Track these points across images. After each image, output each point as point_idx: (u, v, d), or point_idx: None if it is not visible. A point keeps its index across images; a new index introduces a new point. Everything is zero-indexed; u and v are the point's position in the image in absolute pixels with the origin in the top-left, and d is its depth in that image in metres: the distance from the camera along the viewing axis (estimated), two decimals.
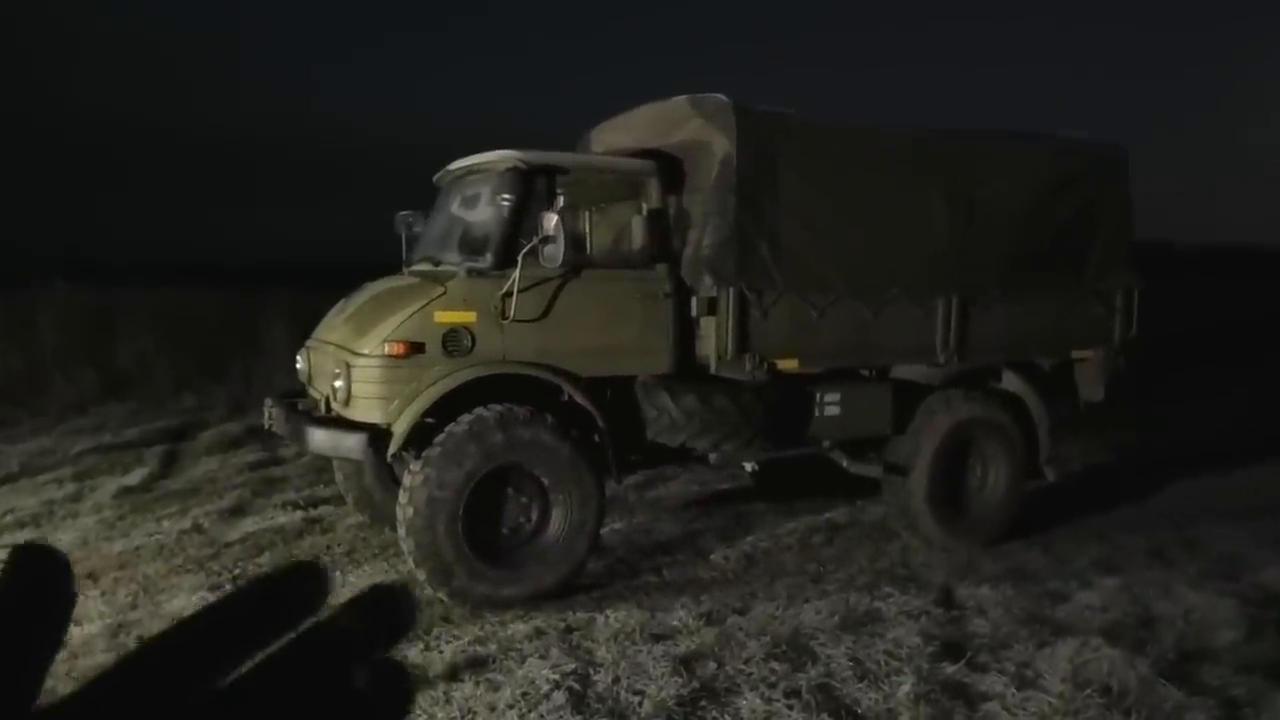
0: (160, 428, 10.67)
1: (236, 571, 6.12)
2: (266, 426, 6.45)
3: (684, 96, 6.28)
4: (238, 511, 7.52)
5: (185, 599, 5.59)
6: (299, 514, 7.40)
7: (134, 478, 8.53)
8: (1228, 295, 24.12)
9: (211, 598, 5.60)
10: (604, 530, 6.29)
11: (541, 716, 4.04)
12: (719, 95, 6.05)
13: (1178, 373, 13.93)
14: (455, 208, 6.41)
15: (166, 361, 13.49)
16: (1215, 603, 5.35)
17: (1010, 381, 7.27)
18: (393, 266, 6.64)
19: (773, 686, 4.28)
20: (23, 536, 6.82)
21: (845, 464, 7.10)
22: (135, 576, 5.99)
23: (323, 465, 8.18)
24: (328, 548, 6.64)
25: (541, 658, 4.60)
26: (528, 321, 5.60)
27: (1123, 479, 8.93)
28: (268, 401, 6.43)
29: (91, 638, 4.99)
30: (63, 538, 6.76)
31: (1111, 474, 9.29)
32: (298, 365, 6.52)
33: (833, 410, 6.52)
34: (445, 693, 4.28)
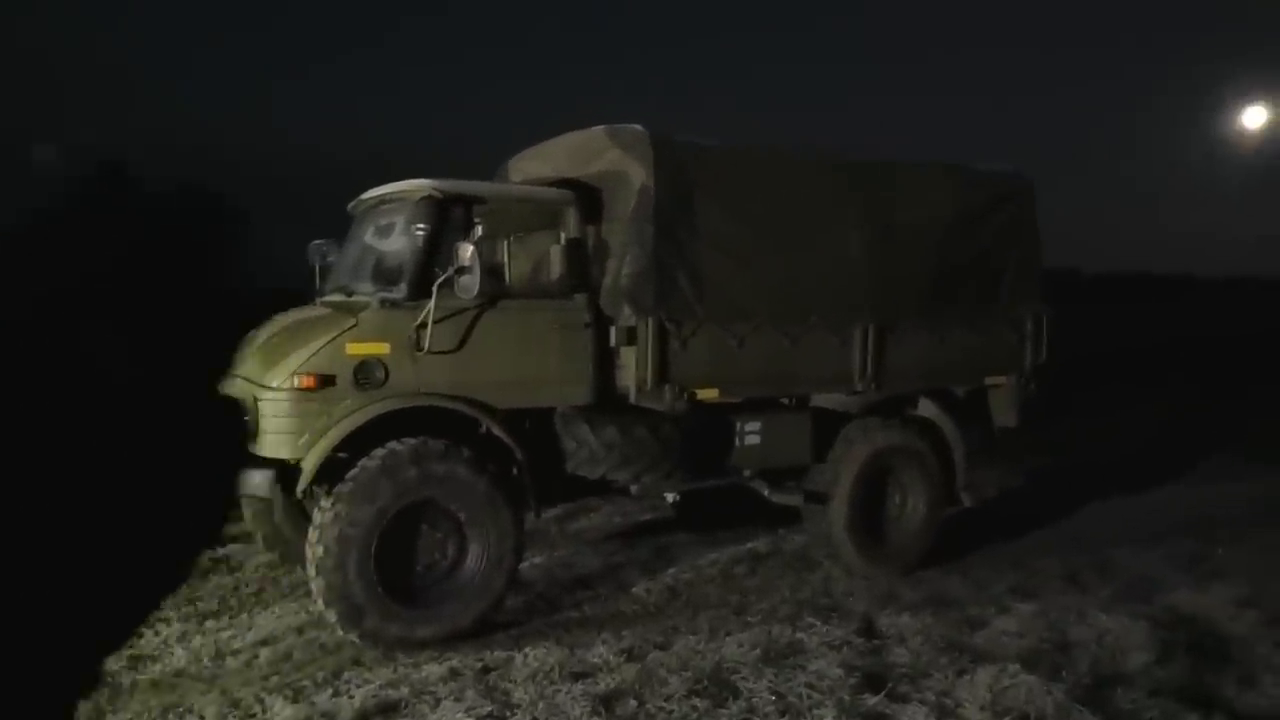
0: None
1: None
2: None
3: (602, 127, 6.25)
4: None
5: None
6: (205, 553, 7.11)
7: None
8: (1126, 318, 24.97)
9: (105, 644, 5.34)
10: (523, 565, 6.16)
11: None
12: (636, 126, 6.03)
13: (1084, 395, 14.33)
14: (369, 237, 6.26)
15: None
16: (1128, 626, 5.43)
17: (927, 409, 7.36)
18: (307, 295, 6.46)
19: None
20: None
21: (766, 493, 7.09)
22: None
23: (231, 502, 7.88)
24: (235, 588, 6.39)
25: (456, 700, 4.45)
26: (443, 353, 5.47)
27: (1036, 503, 9.10)
28: None
29: None
30: None
31: (1025, 499, 9.47)
32: None
33: (753, 440, 6.51)
34: None
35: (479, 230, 5.55)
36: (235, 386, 5.81)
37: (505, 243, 6.07)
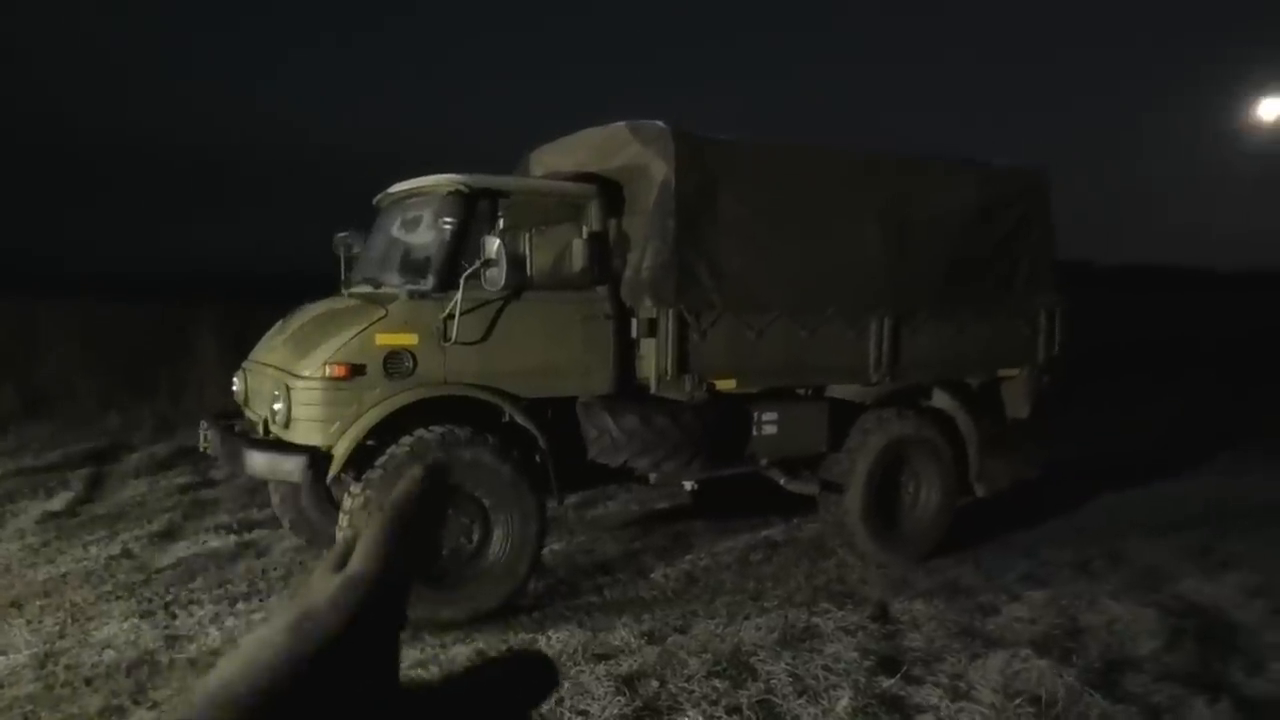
0: (85, 449, 10.38)
1: (169, 598, 6.00)
2: (202, 449, 6.36)
3: (623, 122, 6.37)
4: (168, 535, 7.36)
5: (116, 626, 5.46)
6: (232, 538, 7.27)
7: (58, 502, 8.29)
8: (1144, 311, 24.95)
9: (143, 625, 5.50)
10: (545, 550, 6.30)
11: None
12: (658, 122, 6.14)
13: (1100, 387, 14.37)
14: (396, 230, 6.39)
15: (90, 379, 13.13)
16: (1138, 613, 5.53)
17: (940, 399, 7.46)
18: (328, 280, 6.61)
19: (714, 704, 4.33)
20: None
21: (782, 482, 7.20)
22: (62, 604, 5.83)
23: (255, 487, 8.04)
24: (263, 572, 6.54)
25: None
26: (469, 343, 5.61)
27: (1048, 494, 9.17)
28: (203, 424, 6.34)
29: (18, 668, 4.86)
30: None
31: (1037, 489, 9.53)
32: (234, 387, 6.44)
33: (770, 429, 6.62)
34: None
35: (503, 223, 5.68)
36: (259, 375, 5.96)
37: (528, 235, 6.19)
